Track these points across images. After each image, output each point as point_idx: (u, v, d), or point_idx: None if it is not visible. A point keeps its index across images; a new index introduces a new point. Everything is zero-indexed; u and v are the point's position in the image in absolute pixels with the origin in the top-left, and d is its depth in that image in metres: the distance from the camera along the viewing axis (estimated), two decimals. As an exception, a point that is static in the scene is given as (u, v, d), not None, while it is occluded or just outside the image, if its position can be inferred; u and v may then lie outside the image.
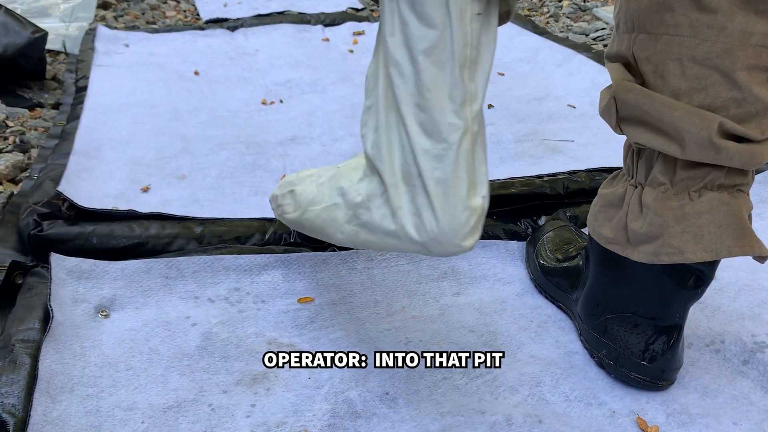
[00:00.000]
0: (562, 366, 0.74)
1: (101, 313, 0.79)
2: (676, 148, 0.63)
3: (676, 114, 0.61)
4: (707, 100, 0.61)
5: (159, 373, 0.72)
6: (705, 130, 0.60)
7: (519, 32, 1.77)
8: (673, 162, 0.65)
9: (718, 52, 0.59)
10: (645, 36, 0.62)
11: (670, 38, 0.61)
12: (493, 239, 0.97)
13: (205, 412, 0.68)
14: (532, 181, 1.06)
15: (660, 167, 0.66)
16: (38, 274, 0.83)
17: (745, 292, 0.85)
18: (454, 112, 0.56)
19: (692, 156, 0.62)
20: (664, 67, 0.62)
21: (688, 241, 0.64)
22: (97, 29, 1.81)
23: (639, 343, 0.71)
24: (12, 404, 0.65)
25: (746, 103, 0.60)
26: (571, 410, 0.69)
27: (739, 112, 0.61)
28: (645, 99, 0.63)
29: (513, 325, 0.81)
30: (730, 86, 0.60)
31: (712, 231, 0.63)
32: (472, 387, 0.72)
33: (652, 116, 0.63)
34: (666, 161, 0.65)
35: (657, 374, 0.71)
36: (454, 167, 0.56)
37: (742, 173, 0.65)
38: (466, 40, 0.56)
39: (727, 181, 0.64)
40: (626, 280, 0.71)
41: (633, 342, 0.71)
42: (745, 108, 0.61)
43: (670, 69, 0.62)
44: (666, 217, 0.65)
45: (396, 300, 0.85)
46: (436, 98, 0.56)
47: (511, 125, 1.31)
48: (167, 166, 1.14)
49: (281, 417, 0.67)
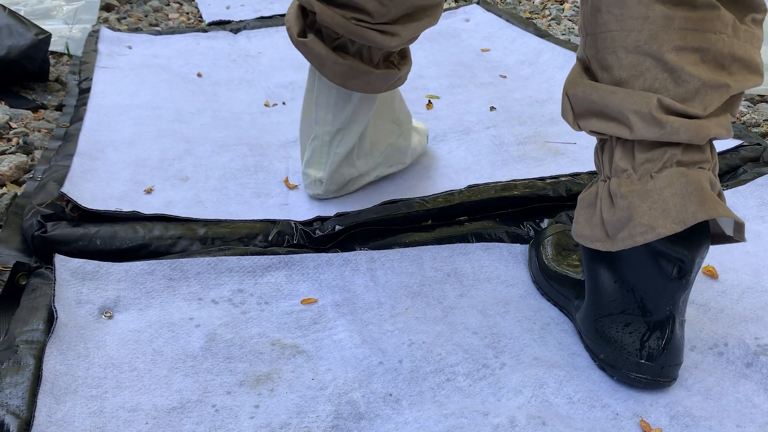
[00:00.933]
0: (565, 368, 0.74)
1: (105, 315, 0.80)
2: (626, 130, 0.67)
3: (618, 97, 0.66)
4: (647, 84, 0.65)
5: (163, 374, 0.72)
6: (645, 107, 0.64)
7: (521, 35, 1.77)
8: (631, 147, 0.68)
9: (645, 39, 0.64)
10: (590, 37, 0.69)
11: (605, 35, 0.67)
12: (496, 242, 0.97)
13: (209, 413, 0.68)
14: (535, 183, 1.06)
15: (620, 155, 0.69)
16: (42, 275, 0.83)
17: (749, 294, 0.85)
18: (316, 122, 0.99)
19: (641, 134, 0.66)
20: (606, 61, 0.67)
21: (657, 216, 0.66)
22: (101, 31, 1.81)
23: (634, 342, 0.71)
24: (16, 405, 0.65)
25: (683, 82, 0.64)
26: (575, 412, 0.69)
27: (679, 92, 0.64)
28: (590, 90, 0.69)
29: (516, 327, 0.81)
30: (662, 68, 0.64)
31: (677, 202, 0.65)
32: (475, 389, 0.72)
33: (599, 104, 0.68)
34: (624, 148, 0.69)
35: (657, 372, 0.70)
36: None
37: (699, 150, 0.67)
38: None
39: (685, 158, 0.66)
40: (613, 278, 0.72)
41: (628, 341, 0.71)
42: (684, 87, 0.64)
43: (609, 62, 0.67)
44: (632, 199, 0.67)
45: (399, 301, 0.85)
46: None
47: (513, 127, 1.31)
48: (170, 167, 1.14)
49: (285, 418, 0.67)
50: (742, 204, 1.04)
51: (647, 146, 0.67)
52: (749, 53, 0.66)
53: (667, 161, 0.66)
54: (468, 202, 1.02)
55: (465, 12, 2.01)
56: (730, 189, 1.07)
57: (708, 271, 0.89)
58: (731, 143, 1.18)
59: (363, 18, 0.86)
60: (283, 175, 1.14)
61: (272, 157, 1.20)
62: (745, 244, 0.95)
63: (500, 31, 1.84)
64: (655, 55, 0.64)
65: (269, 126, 1.35)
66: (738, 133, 1.21)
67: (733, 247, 0.95)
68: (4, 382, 0.67)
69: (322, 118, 0.98)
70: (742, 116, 1.39)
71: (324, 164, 1.02)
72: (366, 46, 0.89)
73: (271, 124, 1.36)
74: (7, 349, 0.71)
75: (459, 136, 1.29)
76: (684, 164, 0.66)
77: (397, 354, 0.76)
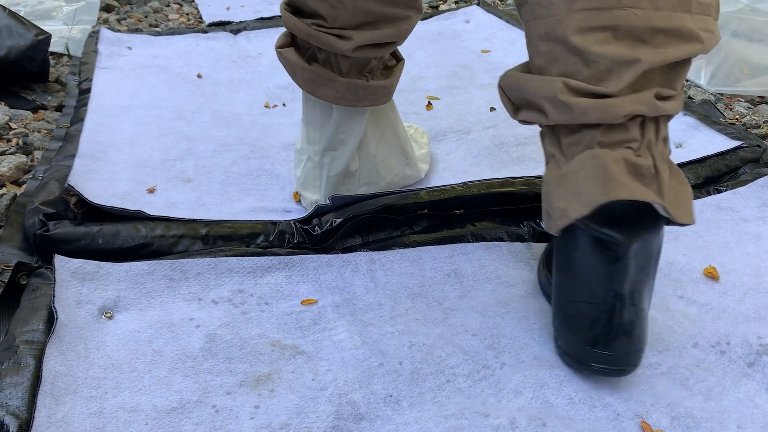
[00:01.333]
0: (565, 368, 0.74)
1: (105, 315, 0.79)
2: (543, 117, 0.68)
3: (531, 85, 0.68)
4: (561, 68, 0.66)
5: (163, 374, 0.72)
6: (552, 91, 0.65)
7: (521, 36, 1.77)
8: (557, 132, 0.69)
9: (552, 25, 0.65)
10: (524, 32, 0.72)
11: (527, 26, 0.69)
12: (495, 241, 0.97)
13: (209, 413, 0.68)
14: (532, 180, 1.05)
15: (548, 141, 0.70)
16: (42, 275, 0.83)
17: (750, 295, 0.85)
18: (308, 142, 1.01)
19: (555, 119, 0.67)
20: (529, 51, 0.69)
21: (570, 200, 0.66)
22: (100, 32, 1.81)
23: (584, 330, 0.69)
24: (16, 406, 0.65)
25: (592, 63, 0.64)
26: (575, 413, 0.69)
27: (592, 73, 0.65)
28: (513, 80, 0.71)
29: (516, 327, 0.81)
30: (571, 52, 0.65)
31: (587, 185, 0.65)
32: (475, 390, 0.72)
33: (521, 93, 0.70)
34: (551, 134, 0.70)
35: (616, 360, 0.68)
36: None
37: (623, 129, 0.66)
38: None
39: (606, 138, 0.66)
40: (565, 266, 0.71)
41: (579, 329, 0.70)
42: (594, 67, 0.64)
43: (531, 52, 0.69)
44: (550, 184, 0.68)
45: (399, 302, 0.85)
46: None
47: (512, 128, 1.31)
48: (172, 168, 1.14)
49: (285, 418, 0.67)
50: (742, 205, 1.04)
51: (570, 130, 0.67)
52: (676, 21, 0.64)
53: (587, 143, 0.66)
54: (465, 196, 1.01)
55: (465, 13, 2.01)
56: (730, 190, 1.07)
57: (709, 273, 0.89)
58: (731, 144, 1.18)
59: (320, 23, 0.87)
60: (285, 179, 1.14)
61: (274, 160, 1.20)
62: (746, 245, 0.95)
63: (500, 32, 1.84)
64: (562, 39, 0.65)
65: (270, 127, 1.35)
66: (738, 135, 1.21)
67: (734, 248, 0.95)
68: (3, 383, 0.67)
69: (311, 136, 1.00)
70: (742, 117, 1.39)
71: (318, 187, 1.03)
72: (333, 54, 0.90)
73: (271, 126, 1.35)
74: (7, 349, 0.71)
75: (459, 136, 1.29)
76: (606, 145, 0.65)
77: (398, 355, 0.76)
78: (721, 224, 1.00)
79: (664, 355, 0.77)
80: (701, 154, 1.16)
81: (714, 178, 1.13)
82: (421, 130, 1.24)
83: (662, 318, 0.82)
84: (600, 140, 0.65)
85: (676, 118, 1.28)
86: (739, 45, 1.50)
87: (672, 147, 1.23)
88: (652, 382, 0.73)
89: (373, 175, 1.04)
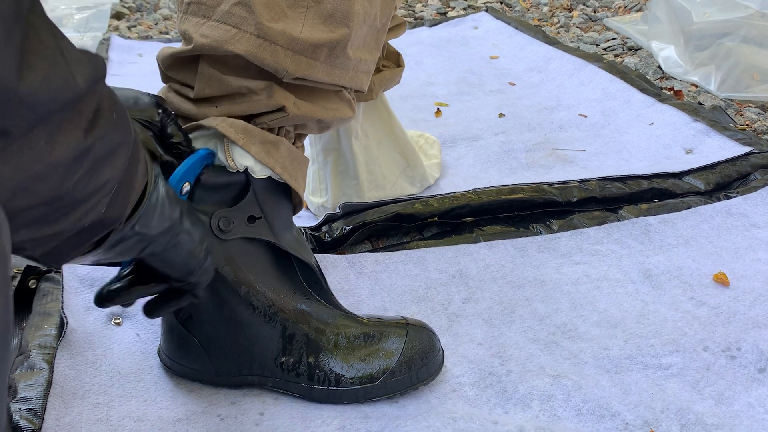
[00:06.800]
0: (572, 377, 0.73)
1: (114, 321, 0.80)
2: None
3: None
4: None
5: (169, 387, 0.72)
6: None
7: (530, 42, 1.77)
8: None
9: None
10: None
11: None
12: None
13: (215, 422, 0.68)
14: (542, 187, 1.05)
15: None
16: (52, 280, 0.83)
17: (761, 301, 0.85)
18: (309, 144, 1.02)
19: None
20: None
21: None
22: (111, 39, 1.83)
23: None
24: (30, 410, 0.65)
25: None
26: (584, 425, 0.68)
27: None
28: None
29: (522, 336, 0.80)
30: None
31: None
32: (482, 399, 0.72)
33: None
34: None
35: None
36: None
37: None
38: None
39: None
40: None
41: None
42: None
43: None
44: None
45: (404, 306, 0.85)
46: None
47: (522, 134, 1.31)
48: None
49: (290, 425, 0.67)
50: (753, 211, 1.03)
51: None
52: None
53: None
54: (474, 203, 1.01)
55: (474, 19, 2.01)
56: (741, 196, 1.07)
57: (719, 278, 0.88)
58: (741, 150, 1.17)
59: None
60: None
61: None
62: (756, 251, 0.94)
63: (509, 38, 1.84)
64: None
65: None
66: (748, 141, 1.20)
67: (744, 254, 0.94)
68: (18, 387, 0.67)
69: (311, 138, 1.00)
70: (752, 123, 1.38)
71: (324, 189, 1.03)
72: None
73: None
74: (20, 354, 0.72)
75: (468, 143, 1.29)
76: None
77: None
78: (731, 230, 0.99)
79: (675, 356, 0.77)
80: (711, 160, 1.15)
81: (724, 184, 1.12)
82: (432, 139, 1.23)
83: (672, 318, 0.82)
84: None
85: (687, 123, 1.27)
86: (749, 51, 1.50)
87: (682, 152, 1.22)
88: (663, 384, 0.73)
89: (379, 178, 1.04)
